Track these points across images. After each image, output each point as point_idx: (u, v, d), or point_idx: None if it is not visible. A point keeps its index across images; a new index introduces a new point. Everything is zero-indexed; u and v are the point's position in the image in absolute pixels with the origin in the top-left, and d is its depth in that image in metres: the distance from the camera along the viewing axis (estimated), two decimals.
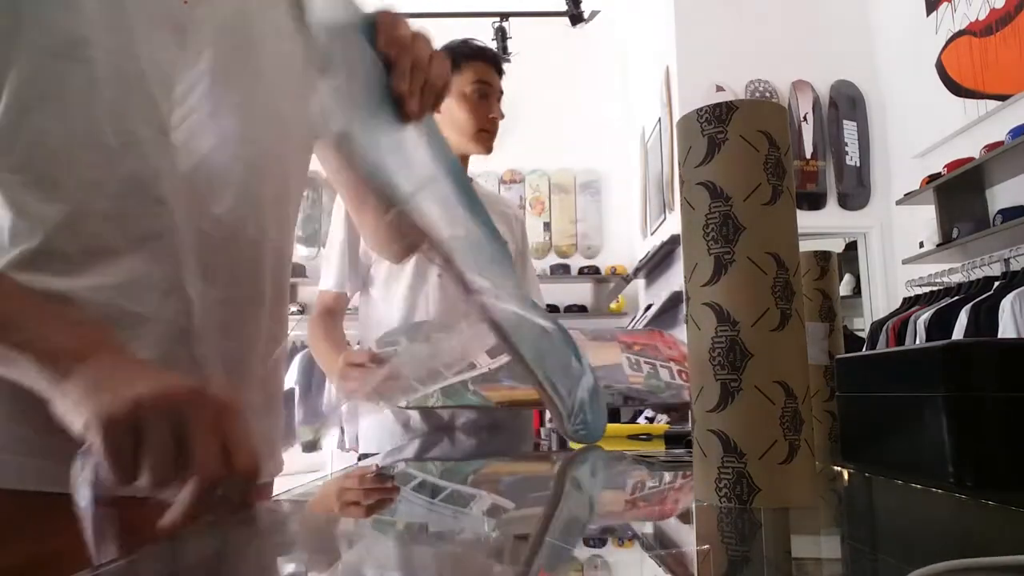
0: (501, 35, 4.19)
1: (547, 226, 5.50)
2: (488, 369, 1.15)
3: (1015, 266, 2.78)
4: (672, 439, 0.99)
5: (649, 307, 4.65)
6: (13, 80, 0.56)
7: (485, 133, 1.50)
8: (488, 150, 1.51)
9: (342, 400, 1.74)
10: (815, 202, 3.91)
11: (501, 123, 1.54)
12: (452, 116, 1.48)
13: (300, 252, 5.45)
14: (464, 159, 1.53)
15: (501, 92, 1.55)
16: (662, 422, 1.57)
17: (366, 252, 1.51)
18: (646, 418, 3.55)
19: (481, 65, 1.51)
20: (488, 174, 5.20)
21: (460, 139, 1.48)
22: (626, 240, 5.37)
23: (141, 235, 0.60)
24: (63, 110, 0.57)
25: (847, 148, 3.96)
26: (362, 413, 1.56)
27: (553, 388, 0.80)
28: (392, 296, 1.48)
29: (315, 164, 0.88)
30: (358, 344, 1.61)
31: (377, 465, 1.15)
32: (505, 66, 1.61)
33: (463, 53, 1.51)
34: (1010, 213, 2.82)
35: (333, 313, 1.50)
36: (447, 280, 1.49)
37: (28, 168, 0.57)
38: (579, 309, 5.19)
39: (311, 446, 4.55)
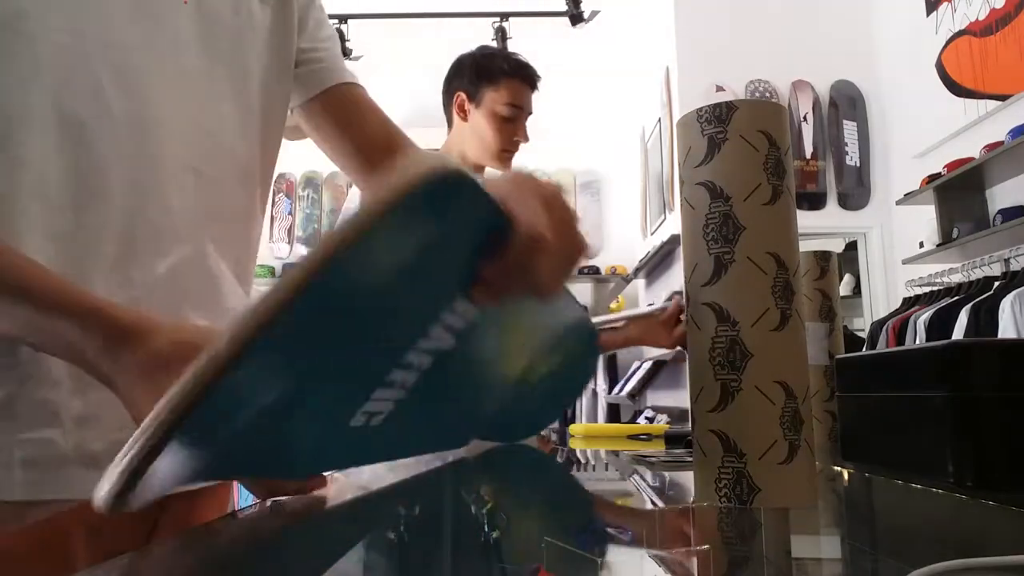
0: (501, 35, 4.18)
1: None
2: None
3: (1015, 266, 2.78)
4: (672, 439, 0.99)
5: (649, 307, 4.65)
6: None
7: (507, 153, 1.51)
8: (507, 168, 1.51)
9: None
10: (815, 202, 3.91)
11: None
12: (478, 129, 1.48)
13: (299, 252, 5.46)
14: (479, 168, 1.53)
15: (530, 113, 1.53)
16: (662, 422, 1.56)
17: None
18: (646, 418, 3.55)
19: (519, 85, 1.48)
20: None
21: (481, 153, 1.49)
22: (626, 240, 5.37)
23: (78, 226, 0.55)
24: (4, 83, 0.53)
25: (847, 148, 3.96)
26: None
27: None
28: None
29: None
30: None
31: None
32: None
33: (503, 69, 1.48)
34: (1010, 213, 2.81)
35: None
36: None
37: None
38: None
39: None
